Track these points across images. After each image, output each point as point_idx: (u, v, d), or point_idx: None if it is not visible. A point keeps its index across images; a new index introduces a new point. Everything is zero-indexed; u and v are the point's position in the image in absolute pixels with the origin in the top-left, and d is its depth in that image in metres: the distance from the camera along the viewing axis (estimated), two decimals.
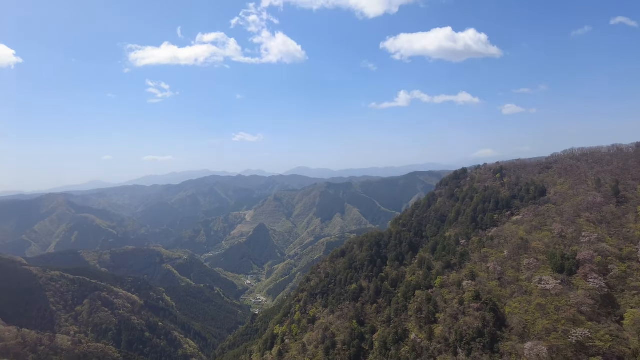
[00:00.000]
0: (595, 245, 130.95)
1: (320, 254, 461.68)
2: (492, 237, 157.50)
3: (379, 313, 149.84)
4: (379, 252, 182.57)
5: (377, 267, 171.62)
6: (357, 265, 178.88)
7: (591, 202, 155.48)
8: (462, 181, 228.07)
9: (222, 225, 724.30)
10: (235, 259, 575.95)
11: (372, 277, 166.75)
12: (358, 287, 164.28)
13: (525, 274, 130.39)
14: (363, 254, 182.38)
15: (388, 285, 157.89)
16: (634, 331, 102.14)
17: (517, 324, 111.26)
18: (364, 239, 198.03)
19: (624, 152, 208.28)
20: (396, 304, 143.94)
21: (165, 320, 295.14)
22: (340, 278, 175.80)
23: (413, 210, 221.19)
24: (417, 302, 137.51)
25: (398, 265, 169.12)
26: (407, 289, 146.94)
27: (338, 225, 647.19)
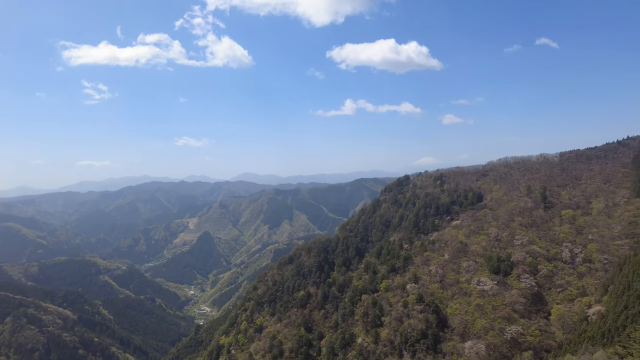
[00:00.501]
0: (527, 248, 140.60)
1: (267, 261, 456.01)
2: (434, 241, 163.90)
3: (326, 319, 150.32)
4: (327, 257, 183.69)
5: (325, 273, 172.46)
6: (305, 272, 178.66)
7: (523, 207, 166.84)
8: (405, 188, 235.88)
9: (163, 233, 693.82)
10: (178, 269, 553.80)
11: (319, 283, 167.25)
12: (306, 294, 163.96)
13: (464, 276, 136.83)
14: (311, 260, 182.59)
15: (335, 290, 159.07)
16: (559, 325, 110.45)
17: (458, 324, 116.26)
18: (312, 245, 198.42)
19: (550, 161, 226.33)
20: (343, 309, 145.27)
21: (102, 336, 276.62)
22: (288, 285, 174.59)
23: (359, 216, 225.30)
24: (363, 306, 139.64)
25: (345, 271, 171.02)
26: (353, 294, 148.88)
27: (286, 232, 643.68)
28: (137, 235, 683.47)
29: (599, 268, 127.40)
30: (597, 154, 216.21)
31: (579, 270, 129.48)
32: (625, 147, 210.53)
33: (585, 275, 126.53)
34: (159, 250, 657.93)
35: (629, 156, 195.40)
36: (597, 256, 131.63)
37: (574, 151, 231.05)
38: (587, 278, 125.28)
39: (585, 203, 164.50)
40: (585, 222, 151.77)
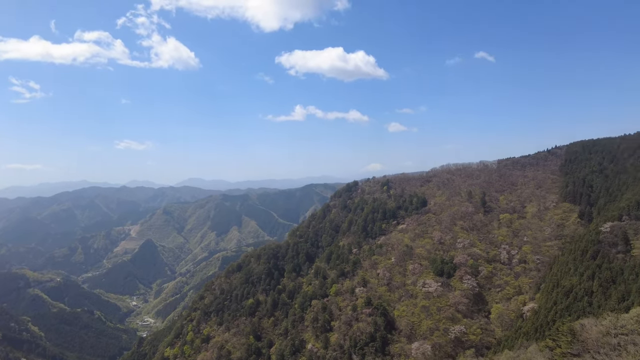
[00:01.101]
0: (468, 250, 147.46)
1: (215, 269, 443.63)
2: (381, 245, 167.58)
3: (276, 326, 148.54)
4: (277, 264, 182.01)
5: (275, 280, 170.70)
6: (254, 279, 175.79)
7: (464, 212, 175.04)
8: (354, 193, 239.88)
9: (103, 242, 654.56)
10: (118, 279, 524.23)
11: (269, 290, 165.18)
12: (255, 302, 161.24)
13: (410, 278, 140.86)
14: (260, 267, 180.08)
15: (285, 297, 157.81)
16: (498, 323, 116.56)
17: (405, 326, 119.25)
18: (261, 252, 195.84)
19: (488, 168, 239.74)
20: (293, 316, 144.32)
21: (31, 355, 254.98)
22: (237, 293, 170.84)
23: (309, 221, 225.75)
24: (313, 311, 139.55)
25: (295, 277, 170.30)
26: (303, 300, 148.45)
27: (234, 239, 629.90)
28: (74, 244, 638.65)
29: (533, 268, 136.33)
30: (531, 161, 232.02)
31: (515, 271, 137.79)
32: (554, 156, 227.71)
33: (521, 275, 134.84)
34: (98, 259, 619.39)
35: (557, 164, 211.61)
36: (531, 257, 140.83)
37: (510, 159, 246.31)
38: (522, 278, 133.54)
39: (521, 207, 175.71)
40: (521, 225, 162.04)
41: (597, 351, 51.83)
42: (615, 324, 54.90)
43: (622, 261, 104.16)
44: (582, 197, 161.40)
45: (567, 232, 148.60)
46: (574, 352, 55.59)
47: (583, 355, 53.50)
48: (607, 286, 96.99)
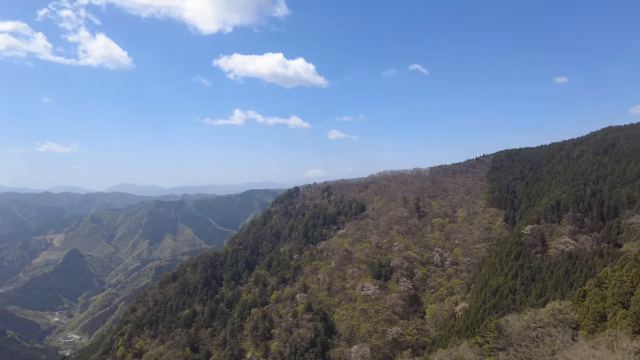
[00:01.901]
0: (404, 253, 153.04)
1: (148, 279, 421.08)
2: (322, 250, 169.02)
3: (214, 337, 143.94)
4: (215, 273, 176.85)
5: (213, 289, 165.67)
6: (190, 289, 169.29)
7: (400, 217, 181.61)
8: (295, 199, 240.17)
9: (19, 253, 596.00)
10: (38, 294, 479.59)
11: (206, 300, 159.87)
12: (191, 312, 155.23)
13: (350, 282, 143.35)
14: (197, 277, 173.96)
15: (224, 306, 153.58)
16: (432, 323, 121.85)
17: (345, 330, 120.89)
18: (198, 261, 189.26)
19: (422, 174, 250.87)
20: (232, 325, 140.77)
21: None
22: (172, 304, 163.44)
23: (250, 228, 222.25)
24: (253, 320, 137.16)
25: (234, 285, 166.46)
26: (243, 308, 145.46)
27: (169, 247, 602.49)
28: None
29: (464, 269, 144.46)
30: (461, 169, 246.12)
31: (447, 272, 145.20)
32: (482, 164, 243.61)
33: (453, 276, 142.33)
34: (13, 272, 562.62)
35: (484, 171, 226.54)
36: (461, 259, 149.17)
37: (442, 166, 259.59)
38: (454, 279, 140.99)
39: (452, 212, 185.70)
40: (452, 229, 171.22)
41: (519, 344, 55.77)
42: (534, 318, 59.55)
43: (540, 260, 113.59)
44: (507, 202, 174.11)
45: (493, 235, 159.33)
46: (500, 346, 59.41)
47: (507, 349, 57.31)
48: (528, 284, 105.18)
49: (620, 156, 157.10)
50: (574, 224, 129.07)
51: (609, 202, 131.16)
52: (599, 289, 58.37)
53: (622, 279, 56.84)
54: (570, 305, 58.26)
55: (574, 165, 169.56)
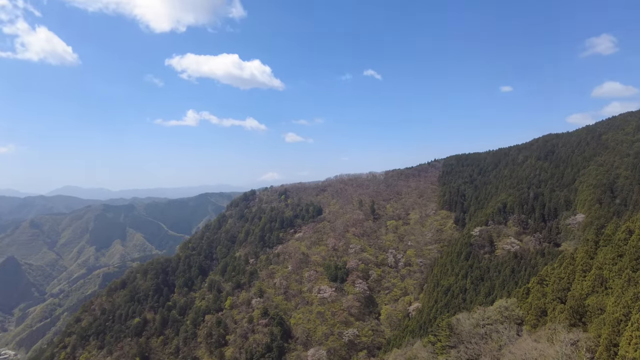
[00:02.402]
0: (360, 255, 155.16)
1: (94, 288, 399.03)
2: (278, 254, 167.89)
3: (166, 345, 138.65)
4: (167, 279, 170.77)
5: (164, 296, 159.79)
6: (140, 297, 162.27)
7: (356, 219, 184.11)
8: (251, 202, 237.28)
9: None
10: None
11: (158, 308, 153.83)
12: (142, 320, 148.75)
13: (306, 285, 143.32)
14: (148, 283, 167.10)
15: (176, 313, 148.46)
16: (387, 324, 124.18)
17: (301, 334, 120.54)
18: (148, 267, 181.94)
19: (377, 178, 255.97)
20: (185, 332, 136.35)
21: None
22: (121, 313, 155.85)
23: (203, 232, 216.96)
24: (207, 327, 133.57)
25: (187, 292, 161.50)
26: (196, 315, 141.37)
27: (118, 254, 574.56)
28: None
29: (417, 270, 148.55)
30: (413, 173, 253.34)
31: (401, 273, 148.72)
32: (433, 168, 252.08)
33: (407, 277, 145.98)
34: None
35: (436, 175, 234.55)
36: (415, 260, 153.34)
37: (396, 170, 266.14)
38: (408, 279, 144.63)
39: (405, 214, 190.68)
40: (405, 231, 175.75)
41: (469, 341, 58.03)
42: (483, 316, 62.21)
43: (489, 260, 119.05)
44: (457, 204, 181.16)
45: (444, 236, 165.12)
46: (451, 344, 61.51)
47: (458, 346, 59.43)
48: (477, 283, 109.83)
49: (559, 162, 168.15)
50: (519, 225, 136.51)
51: (549, 204, 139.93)
52: (540, 286, 61.98)
53: (560, 276, 60.70)
54: (515, 303, 61.36)
55: (518, 170, 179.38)
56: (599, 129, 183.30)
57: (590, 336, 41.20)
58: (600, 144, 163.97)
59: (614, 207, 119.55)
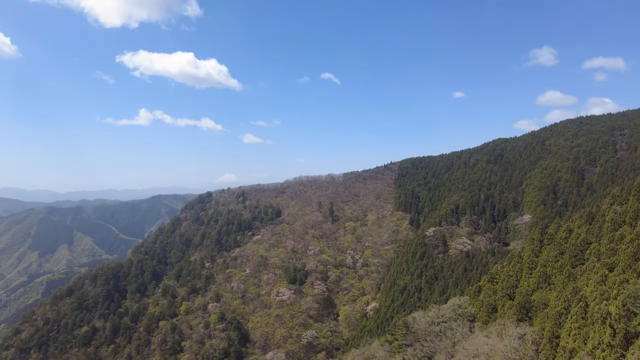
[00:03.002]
0: (319, 257, 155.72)
1: (37, 296, 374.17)
2: (236, 257, 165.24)
3: (117, 354, 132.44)
4: (118, 285, 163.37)
5: (116, 303, 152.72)
6: (89, 304, 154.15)
7: (315, 221, 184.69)
8: (207, 205, 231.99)
9: None
10: None
11: (108, 315, 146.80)
12: (91, 329, 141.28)
13: (265, 288, 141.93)
14: (97, 290, 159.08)
15: (128, 320, 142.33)
16: (346, 324, 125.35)
17: (260, 337, 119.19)
18: (98, 272, 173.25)
19: (336, 180, 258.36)
20: (138, 340, 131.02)
21: None
22: (67, 322, 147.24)
23: (157, 236, 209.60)
24: (161, 333, 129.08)
25: (140, 297, 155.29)
26: (150, 322, 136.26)
27: (64, 259, 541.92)
28: None
29: (374, 270, 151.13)
30: (371, 175, 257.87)
31: (359, 274, 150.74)
32: (390, 170, 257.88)
33: (364, 277, 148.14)
34: None
35: (392, 177, 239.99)
36: (372, 260, 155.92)
37: (354, 172, 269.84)
38: (365, 280, 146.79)
39: (363, 216, 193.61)
40: (363, 232, 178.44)
41: (425, 339, 59.71)
42: (437, 314, 64.22)
43: (442, 260, 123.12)
44: (412, 206, 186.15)
45: (400, 237, 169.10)
46: (407, 342, 63.02)
47: (414, 344, 61.01)
48: (432, 282, 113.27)
49: (507, 165, 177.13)
50: (471, 226, 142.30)
51: (499, 206, 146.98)
52: (491, 284, 64.87)
53: (509, 274, 63.83)
54: (468, 300, 63.83)
55: (470, 172, 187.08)
56: (543, 135, 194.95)
57: (535, 330, 43.57)
58: (544, 149, 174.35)
59: (556, 208, 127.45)
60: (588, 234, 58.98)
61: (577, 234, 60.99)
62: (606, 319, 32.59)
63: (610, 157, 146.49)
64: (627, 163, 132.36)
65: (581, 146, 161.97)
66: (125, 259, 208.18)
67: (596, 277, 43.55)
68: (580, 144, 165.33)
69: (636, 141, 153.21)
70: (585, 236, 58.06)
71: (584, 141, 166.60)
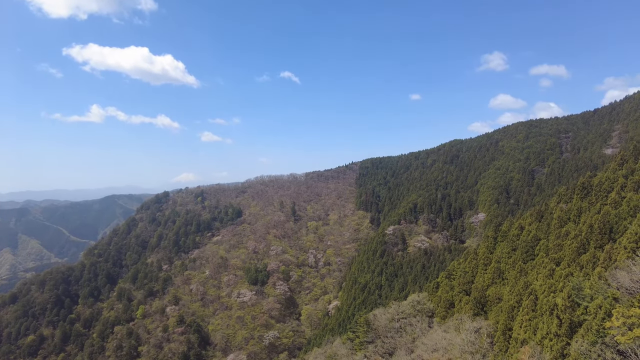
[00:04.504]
0: (281, 257, 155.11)
1: None
2: (195, 259, 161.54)
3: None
4: (69, 289, 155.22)
5: (66, 309, 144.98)
6: (36, 311, 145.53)
7: (277, 221, 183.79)
8: (164, 205, 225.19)
9: None
10: None
11: (58, 322, 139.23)
12: (38, 338, 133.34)
13: (225, 290, 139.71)
14: (45, 295, 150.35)
15: (80, 327, 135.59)
16: (308, 324, 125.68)
17: (220, 340, 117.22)
18: (46, 277, 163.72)
19: (298, 179, 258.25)
20: (91, 347, 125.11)
21: None
22: (10, 331, 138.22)
23: (111, 237, 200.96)
24: (116, 339, 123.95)
25: (93, 302, 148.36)
26: (104, 327, 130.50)
27: (7, 264, 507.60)
28: None
29: (336, 269, 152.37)
30: (333, 174, 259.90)
31: (321, 273, 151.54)
32: (351, 170, 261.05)
33: (326, 276, 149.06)
34: None
35: (353, 177, 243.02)
36: (334, 259, 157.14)
37: (316, 172, 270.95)
38: (327, 278, 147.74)
39: (325, 215, 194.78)
40: (325, 231, 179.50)
41: (385, 336, 60.93)
42: (397, 310, 65.71)
43: (402, 257, 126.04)
44: (372, 205, 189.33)
45: (361, 235, 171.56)
46: (369, 339, 64.06)
47: (376, 341, 62.12)
48: (392, 279, 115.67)
49: (463, 165, 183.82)
50: (428, 224, 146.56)
51: (455, 204, 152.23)
52: (448, 280, 67.15)
53: (465, 270, 66.34)
54: (426, 296, 65.71)
55: (427, 172, 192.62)
56: (496, 136, 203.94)
57: (490, 323, 45.58)
58: (498, 150, 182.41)
59: (509, 206, 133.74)
60: (538, 230, 62.35)
61: (528, 231, 64.33)
62: (553, 310, 34.63)
63: (557, 158, 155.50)
64: (571, 164, 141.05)
65: (531, 147, 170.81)
66: (77, 262, 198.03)
67: (544, 272, 46.17)
68: (530, 145, 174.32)
69: (579, 144, 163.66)
70: (535, 233, 61.36)
71: (533, 143, 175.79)
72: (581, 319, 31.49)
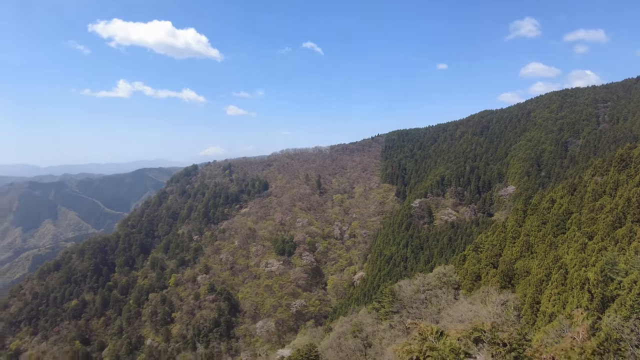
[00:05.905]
0: (307, 229, 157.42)
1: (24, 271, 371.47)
2: (224, 230, 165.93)
3: (108, 326, 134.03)
4: (105, 258, 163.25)
5: (104, 276, 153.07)
6: (77, 278, 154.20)
7: (302, 194, 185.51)
8: (193, 178, 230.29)
9: None
10: None
11: (97, 288, 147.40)
12: (80, 302, 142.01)
13: (254, 260, 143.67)
14: (85, 264, 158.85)
15: (118, 293, 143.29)
16: (334, 293, 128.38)
17: (249, 307, 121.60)
18: (85, 246, 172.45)
19: (323, 153, 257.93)
20: (128, 312, 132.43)
21: None
22: (55, 296, 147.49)
23: (143, 209, 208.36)
24: (151, 305, 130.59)
25: (128, 271, 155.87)
26: (139, 294, 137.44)
27: (49, 234, 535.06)
28: None
29: (361, 241, 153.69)
30: (358, 147, 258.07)
31: (346, 244, 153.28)
32: (376, 142, 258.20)
33: (352, 248, 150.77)
34: None
35: (378, 150, 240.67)
36: (359, 231, 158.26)
37: (341, 145, 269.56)
38: (352, 250, 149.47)
39: (350, 188, 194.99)
40: (350, 204, 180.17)
41: (411, 306, 61.63)
42: (423, 282, 66.08)
43: (428, 230, 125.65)
44: (398, 178, 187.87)
45: (387, 208, 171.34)
46: (394, 309, 65.01)
47: (401, 311, 62.97)
48: (417, 252, 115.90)
49: (493, 137, 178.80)
50: (456, 197, 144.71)
51: (484, 177, 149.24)
52: (475, 253, 66.77)
53: (493, 243, 65.70)
54: (453, 269, 65.65)
55: (456, 144, 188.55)
56: (529, 107, 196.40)
57: (517, 296, 45.37)
58: (530, 121, 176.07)
59: (540, 179, 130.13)
60: (570, 204, 60.73)
61: (560, 204, 62.74)
62: (584, 284, 34.14)
63: (593, 129, 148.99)
64: (608, 135, 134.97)
65: (565, 118, 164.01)
66: (112, 232, 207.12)
67: (576, 246, 45.23)
68: (564, 116, 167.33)
69: (618, 114, 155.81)
70: (567, 206, 59.80)
71: (568, 113, 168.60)
72: (614, 294, 30.96)
